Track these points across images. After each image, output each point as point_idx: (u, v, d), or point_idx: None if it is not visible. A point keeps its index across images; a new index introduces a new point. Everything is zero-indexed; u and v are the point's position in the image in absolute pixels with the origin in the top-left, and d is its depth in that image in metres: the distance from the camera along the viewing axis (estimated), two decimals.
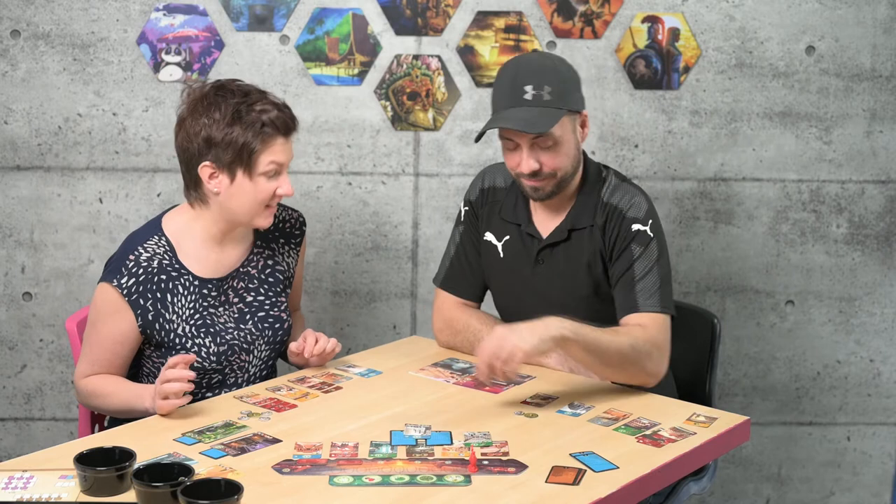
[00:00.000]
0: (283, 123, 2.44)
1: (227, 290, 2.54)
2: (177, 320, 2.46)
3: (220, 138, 2.40)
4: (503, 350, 2.22)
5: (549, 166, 2.46)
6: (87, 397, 2.49)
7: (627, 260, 2.49)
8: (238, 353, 2.51)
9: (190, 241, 2.51)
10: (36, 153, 3.24)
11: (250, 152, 2.40)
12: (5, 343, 3.33)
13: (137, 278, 2.43)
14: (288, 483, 1.98)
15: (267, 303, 2.58)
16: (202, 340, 2.47)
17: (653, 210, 2.53)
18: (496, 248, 2.66)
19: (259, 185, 2.44)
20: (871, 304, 3.46)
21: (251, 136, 2.40)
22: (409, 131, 3.31)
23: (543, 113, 2.41)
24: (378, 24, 3.24)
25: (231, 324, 2.52)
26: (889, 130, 3.38)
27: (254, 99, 2.43)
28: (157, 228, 2.52)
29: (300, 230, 2.69)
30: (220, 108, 2.41)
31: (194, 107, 2.44)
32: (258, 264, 2.60)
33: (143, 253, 2.45)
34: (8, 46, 3.19)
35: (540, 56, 2.53)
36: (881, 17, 3.32)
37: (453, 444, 2.15)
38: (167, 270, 2.46)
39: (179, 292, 2.47)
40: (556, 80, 2.43)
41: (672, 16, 3.28)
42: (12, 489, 1.92)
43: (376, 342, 3.32)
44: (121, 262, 2.45)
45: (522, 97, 2.42)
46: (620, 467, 2.06)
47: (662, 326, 2.45)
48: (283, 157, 2.45)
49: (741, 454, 3.53)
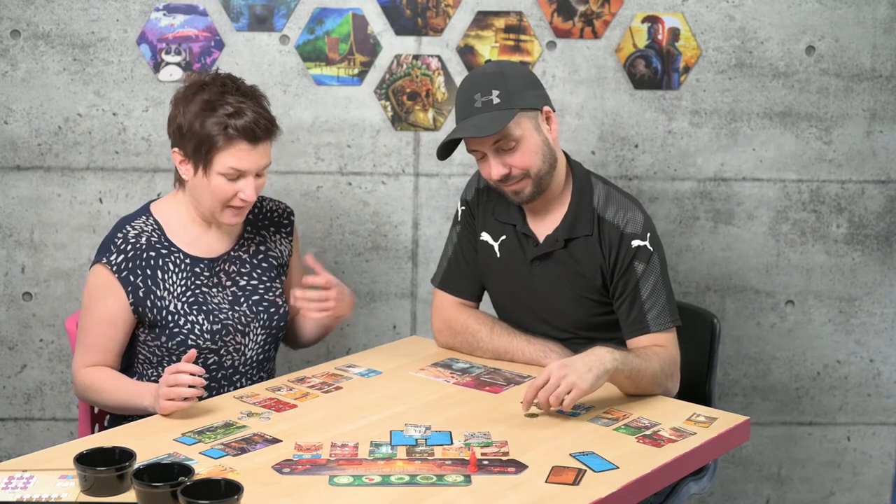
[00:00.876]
0: (247, 130, 2.39)
1: (218, 273, 2.55)
2: (168, 297, 2.46)
3: (187, 128, 2.42)
4: (562, 388, 2.23)
5: (518, 167, 2.47)
6: (84, 390, 2.49)
7: (632, 279, 2.51)
8: (233, 333, 2.51)
9: (177, 221, 2.53)
10: (36, 153, 3.24)
11: (208, 149, 2.40)
12: (5, 343, 3.33)
13: (126, 255, 2.45)
14: (288, 483, 1.98)
15: (261, 287, 2.59)
16: (195, 318, 2.47)
17: (648, 221, 2.54)
18: (493, 247, 2.66)
19: (215, 184, 2.42)
20: (871, 304, 3.46)
21: (214, 134, 2.39)
22: (409, 131, 3.31)
23: (494, 116, 2.43)
24: (378, 24, 3.24)
25: (225, 305, 2.53)
26: (889, 130, 3.38)
27: (231, 99, 2.41)
28: (146, 210, 2.55)
29: (288, 219, 2.70)
30: (196, 99, 2.42)
31: (183, 93, 2.47)
32: (249, 249, 2.61)
33: (130, 230, 2.49)
34: (8, 46, 3.19)
35: (489, 64, 2.57)
36: (881, 17, 3.32)
37: (453, 444, 2.15)
38: (156, 247, 2.48)
39: (170, 269, 2.48)
40: (502, 84, 2.45)
41: (672, 16, 3.28)
42: (12, 489, 1.92)
43: (376, 342, 3.32)
44: (110, 241, 2.48)
45: (473, 106, 2.46)
46: (620, 467, 2.06)
47: (675, 341, 2.53)
48: (245, 165, 2.42)
49: (741, 454, 3.53)
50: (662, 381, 2.44)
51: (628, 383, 2.39)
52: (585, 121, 3.32)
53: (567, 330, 2.62)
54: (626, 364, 2.34)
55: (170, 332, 2.47)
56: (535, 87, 2.53)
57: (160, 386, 2.25)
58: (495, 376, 2.55)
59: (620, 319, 2.54)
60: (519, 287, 2.64)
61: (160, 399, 2.24)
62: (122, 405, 2.42)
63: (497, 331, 2.66)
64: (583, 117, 3.31)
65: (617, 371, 2.31)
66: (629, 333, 2.53)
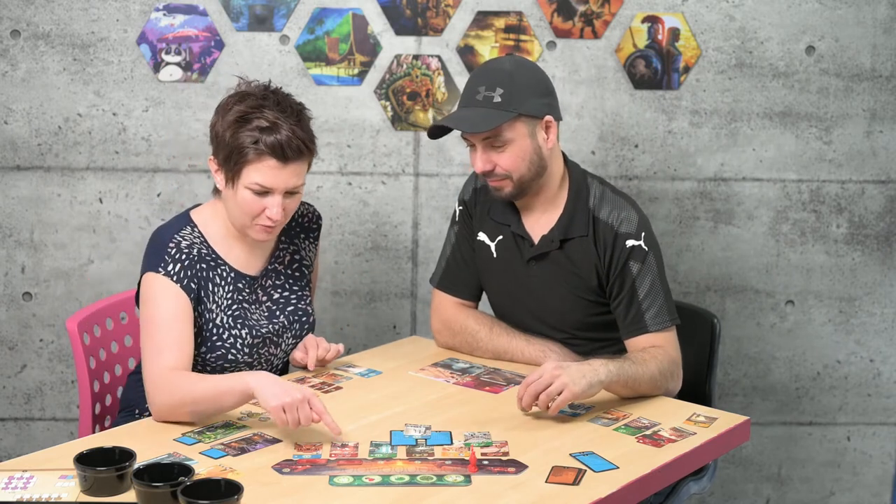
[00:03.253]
0: (277, 147, 2.33)
1: (256, 289, 2.52)
2: (216, 310, 2.42)
3: (221, 136, 2.38)
4: (554, 387, 2.24)
5: (501, 167, 2.48)
6: (167, 391, 2.25)
7: (628, 279, 2.51)
8: (268, 345, 2.50)
9: (217, 232, 2.47)
10: (36, 153, 3.24)
11: (237, 161, 2.35)
12: (5, 343, 3.33)
13: (182, 264, 2.37)
14: (288, 483, 1.98)
15: (293, 298, 2.57)
16: (238, 332, 2.44)
17: (644, 220, 2.54)
18: (489, 248, 2.66)
19: (241, 196, 2.37)
20: (871, 304, 3.46)
21: (244, 146, 2.34)
22: (409, 131, 3.31)
23: (489, 114, 2.43)
24: (378, 24, 3.24)
25: (263, 320, 2.50)
26: (889, 130, 3.38)
27: (268, 113, 2.36)
28: (188, 220, 2.47)
29: (317, 223, 2.66)
30: (234, 109, 2.37)
31: (226, 101, 2.42)
32: (284, 259, 2.58)
33: (181, 241, 2.40)
34: (8, 46, 3.19)
35: (505, 60, 2.53)
36: (881, 17, 3.32)
37: (453, 444, 2.15)
38: (206, 259, 2.43)
39: (218, 283, 2.43)
40: (509, 84, 2.44)
41: (672, 16, 3.28)
42: (12, 489, 1.92)
43: (376, 342, 3.32)
44: (161, 252, 2.38)
45: (475, 97, 2.46)
46: (620, 467, 2.06)
47: (674, 340, 2.52)
48: (272, 182, 2.35)
49: (741, 454, 3.52)
50: (662, 384, 2.44)
51: (626, 391, 2.39)
52: (585, 121, 3.32)
53: (564, 330, 2.62)
54: (621, 374, 2.34)
55: (211, 345, 2.42)
56: (544, 94, 2.50)
57: (297, 401, 2.13)
58: (495, 376, 2.55)
59: (618, 320, 2.54)
60: (516, 287, 2.64)
61: (290, 409, 2.13)
62: (214, 394, 2.23)
63: (496, 331, 2.66)
64: (583, 117, 3.31)
65: (612, 382, 2.33)
66: (627, 334, 2.53)
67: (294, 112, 2.39)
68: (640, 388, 2.40)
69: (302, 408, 2.12)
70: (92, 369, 2.63)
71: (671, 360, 2.47)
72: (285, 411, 2.12)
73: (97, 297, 3.24)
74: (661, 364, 2.44)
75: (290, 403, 2.12)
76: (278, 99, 2.40)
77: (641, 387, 2.40)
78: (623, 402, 2.39)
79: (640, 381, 2.39)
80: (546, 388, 2.24)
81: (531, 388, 2.25)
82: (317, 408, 2.14)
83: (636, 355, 2.43)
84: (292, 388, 2.15)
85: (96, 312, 2.69)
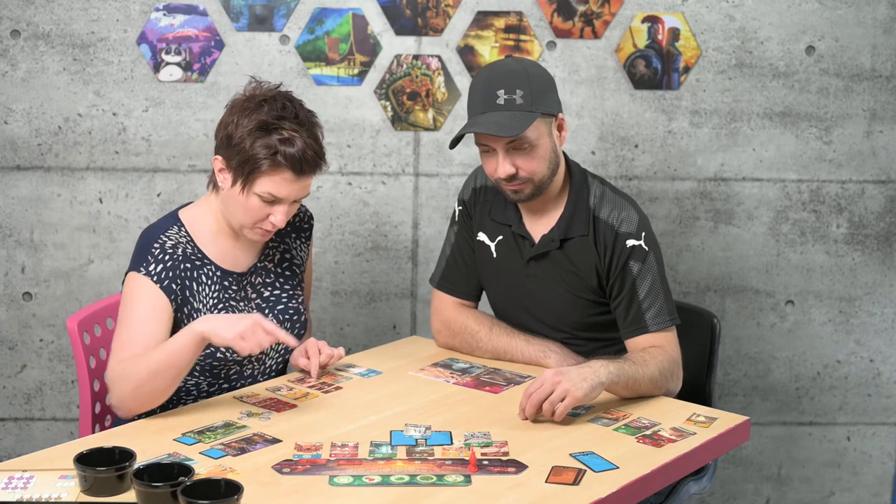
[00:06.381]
0: (294, 160, 2.36)
1: (245, 286, 2.53)
2: (203, 309, 2.43)
3: (237, 141, 2.38)
4: (556, 394, 2.24)
5: (525, 170, 2.46)
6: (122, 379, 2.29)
7: (628, 279, 2.51)
8: None
9: (206, 230, 2.49)
10: (36, 153, 3.24)
11: (252, 169, 2.36)
12: (5, 343, 3.33)
13: (165, 265, 2.39)
14: (288, 483, 1.98)
15: (284, 296, 2.57)
16: None
17: (644, 220, 2.54)
18: (489, 248, 2.66)
19: (250, 203, 2.39)
20: (871, 304, 3.47)
21: (262, 157, 2.35)
22: (409, 131, 3.31)
23: (516, 117, 2.42)
24: (378, 24, 3.24)
25: None
26: (889, 130, 3.38)
27: (287, 125, 2.37)
28: (175, 219, 2.49)
29: (309, 224, 2.68)
30: (253, 115, 2.38)
31: (242, 104, 2.41)
32: (274, 258, 2.59)
33: (166, 241, 2.42)
34: (8, 46, 3.19)
35: (512, 61, 2.53)
36: (881, 17, 3.32)
37: (453, 444, 2.15)
38: (191, 259, 2.44)
39: (203, 282, 2.44)
40: (527, 84, 2.44)
41: (672, 16, 3.28)
42: (12, 489, 1.92)
43: (376, 342, 3.32)
44: (145, 251, 2.40)
45: (495, 102, 2.43)
46: (620, 467, 2.06)
47: (674, 340, 2.52)
48: (284, 193, 2.39)
49: (741, 454, 3.53)
50: (662, 384, 2.44)
51: (626, 392, 2.39)
52: (585, 121, 3.32)
53: (564, 330, 2.62)
54: (621, 375, 2.34)
55: None
56: (555, 92, 2.51)
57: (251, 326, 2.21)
58: (495, 376, 2.55)
59: (618, 319, 2.54)
60: (516, 287, 2.64)
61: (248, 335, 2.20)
62: (167, 354, 2.26)
63: (496, 331, 2.66)
64: (583, 117, 3.32)
65: (613, 383, 2.33)
66: (627, 333, 2.53)
67: (309, 124, 2.42)
68: (641, 388, 2.40)
69: (257, 331, 2.21)
70: (92, 369, 2.63)
71: (671, 360, 2.47)
72: (244, 339, 2.20)
73: (97, 297, 3.24)
74: (662, 364, 2.44)
75: (246, 330, 2.21)
76: (296, 110, 2.41)
77: (642, 387, 2.40)
78: (623, 402, 2.39)
79: (641, 381, 2.39)
80: (548, 397, 2.24)
81: (533, 398, 2.24)
82: (268, 328, 2.23)
83: (636, 355, 2.43)
84: (241, 317, 2.25)
85: (96, 312, 2.69)
